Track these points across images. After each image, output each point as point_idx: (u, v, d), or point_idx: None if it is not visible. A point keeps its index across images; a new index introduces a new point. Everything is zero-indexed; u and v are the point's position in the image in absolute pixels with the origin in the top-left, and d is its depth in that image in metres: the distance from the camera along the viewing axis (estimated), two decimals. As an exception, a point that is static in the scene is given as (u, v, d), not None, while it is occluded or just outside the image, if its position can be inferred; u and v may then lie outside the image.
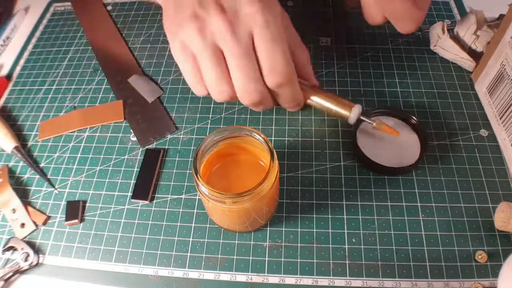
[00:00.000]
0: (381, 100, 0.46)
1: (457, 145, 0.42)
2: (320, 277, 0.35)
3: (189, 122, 0.46)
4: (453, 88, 0.46)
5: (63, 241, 0.39)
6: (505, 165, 0.40)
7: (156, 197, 0.41)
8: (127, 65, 0.52)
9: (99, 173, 0.43)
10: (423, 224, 0.37)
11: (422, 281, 0.34)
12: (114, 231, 0.39)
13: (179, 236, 0.38)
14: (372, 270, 0.35)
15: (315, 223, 0.38)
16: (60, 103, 0.49)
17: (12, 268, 0.37)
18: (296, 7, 0.57)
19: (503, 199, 0.38)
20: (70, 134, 0.46)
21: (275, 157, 0.31)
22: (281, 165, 0.41)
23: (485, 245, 0.36)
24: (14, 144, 0.44)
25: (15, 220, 0.40)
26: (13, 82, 0.52)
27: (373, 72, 0.48)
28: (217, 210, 0.33)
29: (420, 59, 0.49)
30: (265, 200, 0.32)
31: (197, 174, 0.30)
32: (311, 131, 0.44)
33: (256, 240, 0.37)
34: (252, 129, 0.32)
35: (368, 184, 0.40)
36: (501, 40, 0.39)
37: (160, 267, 0.36)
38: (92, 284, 0.36)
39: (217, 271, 0.36)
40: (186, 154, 0.43)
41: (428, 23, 0.53)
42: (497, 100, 0.41)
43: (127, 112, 0.47)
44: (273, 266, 0.36)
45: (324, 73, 0.49)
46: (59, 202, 0.41)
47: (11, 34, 0.58)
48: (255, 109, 0.37)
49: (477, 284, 0.34)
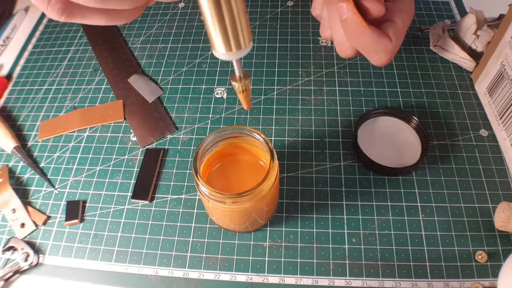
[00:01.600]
0: (381, 100, 0.46)
1: (457, 145, 0.42)
2: (320, 277, 0.35)
3: (189, 122, 0.46)
4: (453, 88, 0.46)
5: (63, 241, 0.39)
6: (505, 165, 0.40)
7: (156, 197, 0.41)
8: (127, 65, 0.52)
9: (99, 173, 0.43)
10: (423, 224, 0.37)
11: (422, 281, 0.34)
12: (114, 231, 0.39)
13: (179, 236, 0.38)
14: (372, 270, 0.35)
15: (315, 223, 0.38)
16: (60, 103, 0.49)
17: (12, 268, 0.37)
18: (296, 7, 0.57)
19: (503, 199, 0.38)
20: (70, 134, 0.46)
21: (275, 157, 0.31)
22: (281, 165, 0.41)
23: (485, 245, 0.36)
24: (14, 144, 0.44)
25: (15, 220, 0.40)
26: (13, 82, 0.52)
27: (373, 72, 0.48)
28: (217, 210, 0.33)
29: (420, 59, 0.49)
30: (265, 200, 0.32)
31: (197, 174, 0.30)
32: (311, 131, 0.44)
33: (256, 240, 0.37)
34: (252, 129, 0.32)
35: (368, 184, 0.40)
36: (501, 40, 0.39)
37: (160, 267, 0.36)
38: (92, 284, 0.36)
39: (217, 271, 0.36)
40: (186, 154, 0.43)
41: (428, 23, 0.53)
42: (497, 100, 0.41)
43: (127, 112, 0.47)
44: (273, 266, 0.36)
45: (324, 73, 0.49)
46: (59, 202, 0.41)
47: (11, 34, 0.58)
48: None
49: (477, 284, 0.34)
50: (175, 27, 0.56)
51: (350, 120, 0.44)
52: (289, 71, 0.49)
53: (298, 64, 0.50)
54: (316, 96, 0.47)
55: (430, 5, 0.55)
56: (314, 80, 0.48)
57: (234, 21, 0.20)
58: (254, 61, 0.51)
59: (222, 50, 0.21)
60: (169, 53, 0.53)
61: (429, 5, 0.55)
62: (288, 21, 0.55)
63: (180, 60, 0.52)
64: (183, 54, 0.52)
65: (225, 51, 0.21)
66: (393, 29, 0.29)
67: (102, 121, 0.46)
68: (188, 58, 0.52)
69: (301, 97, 0.47)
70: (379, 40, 0.28)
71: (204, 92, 0.48)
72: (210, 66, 0.51)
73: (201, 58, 0.52)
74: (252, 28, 0.54)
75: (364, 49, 0.29)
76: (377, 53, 0.29)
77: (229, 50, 0.21)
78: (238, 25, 0.20)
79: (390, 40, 0.29)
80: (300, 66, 0.50)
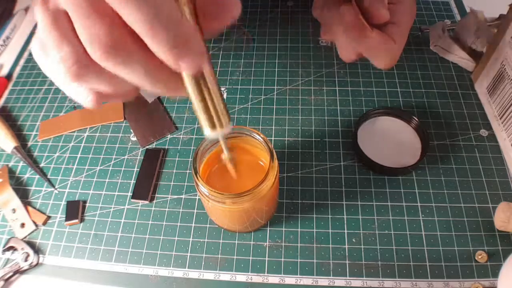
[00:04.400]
0: (381, 100, 0.46)
1: (457, 145, 0.42)
2: (320, 277, 0.35)
3: (189, 122, 0.46)
4: (453, 88, 0.46)
5: (63, 241, 0.39)
6: (505, 165, 0.40)
7: (156, 197, 0.41)
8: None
9: (99, 173, 0.43)
10: (423, 224, 0.37)
11: (422, 281, 0.34)
12: (114, 231, 0.39)
13: (179, 236, 0.38)
14: (372, 270, 0.35)
15: (315, 223, 0.38)
16: (60, 103, 0.49)
17: (12, 268, 0.37)
18: (296, 7, 0.57)
19: (503, 199, 0.38)
20: (70, 134, 0.46)
21: (274, 157, 0.31)
22: (281, 165, 0.41)
23: (485, 245, 0.36)
24: (14, 144, 0.44)
25: (15, 220, 0.40)
26: (13, 82, 0.52)
27: (373, 72, 0.48)
28: (217, 210, 0.33)
29: (420, 59, 0.49)
30: (265, 200, 0.32)
31: (197, 174, 0.30)
32: (311, 131, 0.44)
33: (256, 240, 0.37)
34: (252, 129, 0.32)
35: (368, 184, 0.40)
36: (501, 40, 0.39)
37: (160, 267, 0.36)
38: (92, 284, 0.36)
39: (217, 271, 0.36)
40: (186, 154, 0.43)
41: (428, 23, 0.53)
42: (497, 100, 0.41)
43: (127, 112, 0.47)
44: (273, 266, 0.36)
45: (324, 73, 0.49)
46: (59, 202, 0.41)
47: (11, 34, 0.58)
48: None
49: (477, 284, 0.34)
50: (175, 27, 0.56)
51: (350, 120, 0.44)
52: (289, 71, 0.49)
53: (298, 64, 0.50)
54: (316, 96, 0.47)
55: (430, 5, 0.55)
56: (314, 80, 0.48)
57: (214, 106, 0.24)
58: (254, 61, 0.51)
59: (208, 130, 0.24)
60: (169, 53, 0.52)
61: (429, 5, 0.55)
62: (288, 21, 0.55)
63: (180, 60, 0.52)
64: (183, 54, 0.52)
65: (211, 130, 0.24)
66: (397, 31, 0.29)
67: (102, 121, 0.46)
68: (188, 58, 0.52)
69: (301, 97, 0.47)
70: (384, 43, 0.28)
71: (204, 92, 0.48)
72: (210, 66, 0.51)
73: (201, 58, 0.52)
74: (252, 28, 0.54)
75: (369, 53, 0.29)
76: (381, 57, 0.29)
77: (213, 128, 0.24)
78: (218, 108, 0.24)
79: (394, 43, 0.28)
80: (300, 66, 0.50)
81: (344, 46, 0.30)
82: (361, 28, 0.27)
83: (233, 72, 0.50)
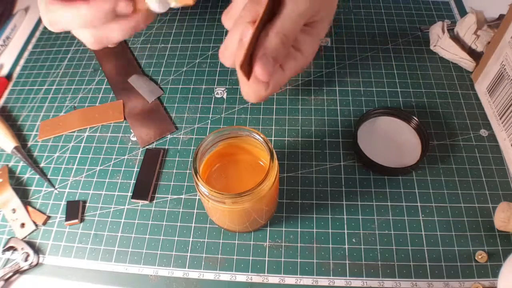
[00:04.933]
0: (381, 100, 0.46)
1: (457, 145, 0.42)
2: (320, 277, 0.35)
3: (189, 122, 0.46)
4: (453, 88, 0.46)
5: (63, 241, 0.39)
6: (505, 165, 0.40)
7: (156, 197, 0.41)
8: (127, 65, 0.52)
9: (99, 173, 0.43)
10: (423, 224, 0.37)
11: (422, 281, 0.34)
12: (114, 231, 0.39)
13: (179, 236, 0.38)
14: (372, 270, 0.35)
15: (315, 223, 0.38)
16: (60, 103, 0.49)
17: (12, 268, 0.37)
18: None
19: (503, 199, 0.38)
20: (70, 134, 0.46)
21: (274, 157, 0.31)
22: (281, 165, 0.41)
23: (485, 245, 0.36)
24: (14, 144, 0.44)
25: (15, 220, 0.40)
26: (13, 82, 0.52)
27: (373, 72, 0.48)
28: (217, 210, 0.33)
29: (420, 59, 0.49)
30: (265, 200, 0.32)
31: (197, 174, 0.30)
32: (311, 131, 0.44)
33: (256, 240, 0.37)
34: (252, 129, 0.32)
35: (368, 184, 0.40)
36: (501, 40, 0.39)
37: (160, 267, 0.36)
38: (92, 284, 0.36)
39: (217, 271, 0.36)
40: (186, 154, 0.43)
41: (428, 23, 0.53)
42: (497, 100, 0.41)
43: (127, 112, 0.47)
44: (273, 266, 0.36)
45: (324, 73, 0.49)
46: (59, 202, 0.41)
47: (11, 34, 0.58)
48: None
49: (477, 284, 0.34)
50: (175, 27, 0.56)
51: (350, 120, 0.44)
52: (289, 71, 0.49)
53: (298, 64, 0.50)
54: (316, 96, 0.47)
55: (430, 5, 0.55)
56: (314, 80, 0.48)
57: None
58: (254, 61, 0.51)
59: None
60: (169, 53, 0.53)
61: (429, 5, 0.55)
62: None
63: (180, 60, 0.52)
64: (183, 54, 0.52)
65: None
66: (278, 76, 0.28)
67: (102, 121, 0.46)
68: (188, 58, 0.52)
69: (301, 97, 0.47)
70: (254, 85, 0.27)
71: (204, 92, 0.48)
72: (210, 66, 0.51)
73: (201, 58, 0.52)
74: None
75: (240, 78, 0.27)
76: (247, 90, 0.27)
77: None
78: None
79: (267, 86, 0.27)
80: (300, 66, 0.50)
81: (229, 52, 0.28)
82: (241, 61, 0.26)
83: (233, 72, 0.50)
